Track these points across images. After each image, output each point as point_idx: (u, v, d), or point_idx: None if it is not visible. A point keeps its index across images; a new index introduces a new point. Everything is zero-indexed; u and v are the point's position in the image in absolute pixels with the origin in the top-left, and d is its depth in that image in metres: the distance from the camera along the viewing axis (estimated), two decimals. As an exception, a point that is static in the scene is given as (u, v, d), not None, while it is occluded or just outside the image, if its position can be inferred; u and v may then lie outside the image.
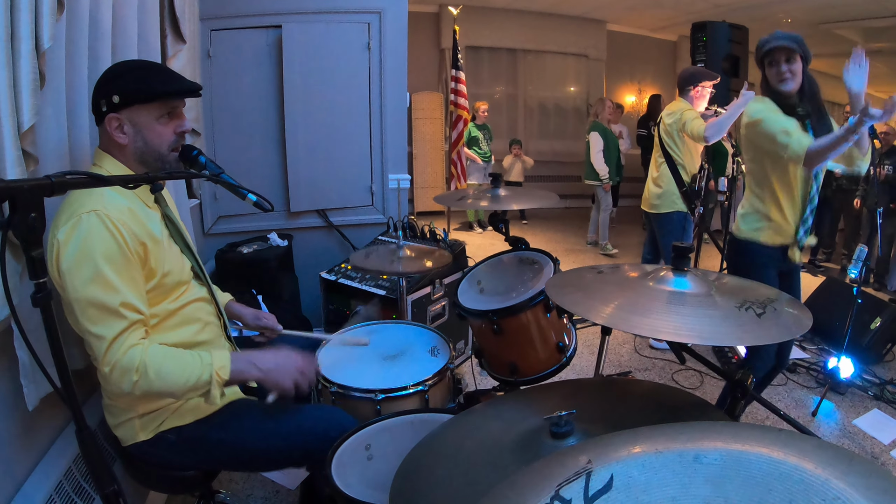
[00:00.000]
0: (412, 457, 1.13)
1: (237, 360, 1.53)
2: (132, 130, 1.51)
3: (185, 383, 1.44)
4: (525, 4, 9.22)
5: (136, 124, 1.51)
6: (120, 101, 1.47)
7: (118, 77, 1.52)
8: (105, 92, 1.48)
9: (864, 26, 8.20)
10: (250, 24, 3.50)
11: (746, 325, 1.04)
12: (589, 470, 0.66)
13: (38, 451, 1.63)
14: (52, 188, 0.98)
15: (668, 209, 3.93)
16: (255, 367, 1.56)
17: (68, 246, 1.35)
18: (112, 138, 1.51)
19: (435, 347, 2.05)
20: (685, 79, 3.84)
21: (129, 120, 1.50)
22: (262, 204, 1.58)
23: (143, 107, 1.51)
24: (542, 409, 1.11)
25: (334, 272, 3.34)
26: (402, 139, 3.97)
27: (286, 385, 1.58)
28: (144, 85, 1.52)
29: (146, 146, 1.54)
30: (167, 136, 1.56)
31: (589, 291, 1.21)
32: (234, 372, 1.51)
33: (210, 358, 1.48)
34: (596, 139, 6.89)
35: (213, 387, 1.47)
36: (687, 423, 0.73)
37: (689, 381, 3.67)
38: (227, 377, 1.49)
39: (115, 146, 1.53)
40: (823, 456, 0.62)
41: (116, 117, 1.49)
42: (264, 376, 1.57)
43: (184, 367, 1.44)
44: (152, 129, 1.53)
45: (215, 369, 1.47)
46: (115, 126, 1.49)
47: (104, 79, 1.53)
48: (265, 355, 1.60)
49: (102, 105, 1.48)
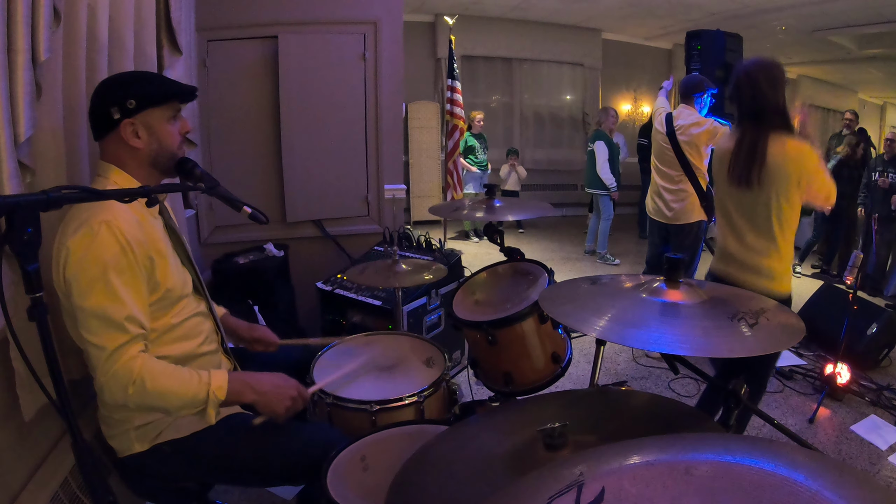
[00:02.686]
0: (406, 469, 1.13)
1: (235, 380, 1.53)
2: (146, 134, 1.54)
3: (181, 400, 1.44)
4: (520, 14, 9.27)
5: (150, 127, 1.55)
6: (136, 104, 1.50)
7: (126, 84, 1.55)
8: (117, 99, 1.50)
9: (858, 33, 8.26)
10: (247, 34, 3.52)
11: (739, 335, 1.05)
12: (580, 482, 0.66)
13: (34, 462, 1.63)
14: (49, 203, 0.98)
15: (690, 219, 3.94)
16: (252, 390, 1.55)
17: (77, 254, 1.36)
18: (126, 145, 1.53)
19: (430, 358, 2.05)
20: (693, 86, 3.87)
21: (142, 123, 1.53)
22: (256, 216, 1.59)
23: (155, 109, 1.55)
24: (537, 421, 1.11)
25: (330, 283, 3.34)
26: (398, 149, 3.98)
27: (279, 411, 1.58)
28: (156, 88, 1.57)
29: (161, 147, 1.58)
30: (176, 136, 1.61)
31: (582, 303, 1.21)
32: (230, 392, 1.50)
33: (208, 376, 1.48)
34: (602, 149, 6.86)
35: (208, 405, 1.47)
36: (678, 435, 0.73)
37: (686, 389, 3.68)
38: (223, 397, 1.49)
39: (125, 154, 1.54)
40: (815, 467, 0.63)
41: (131, 122, 1.51)
42: (259, 399, 1.56)
43: (181, 384, 1.44)
44: (165, 130, 1.58)
45: (212, 388, 1.47)
46: (130, 131, 1.52)
47: (109, 89, 1.55)
48: (263, 379, 1.59)
49: (115, 112, 1.49)
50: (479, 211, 2.27)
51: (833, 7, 7.21)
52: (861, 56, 9.10)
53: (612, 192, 6.91)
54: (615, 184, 6.89)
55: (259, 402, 1.56)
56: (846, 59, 9.39)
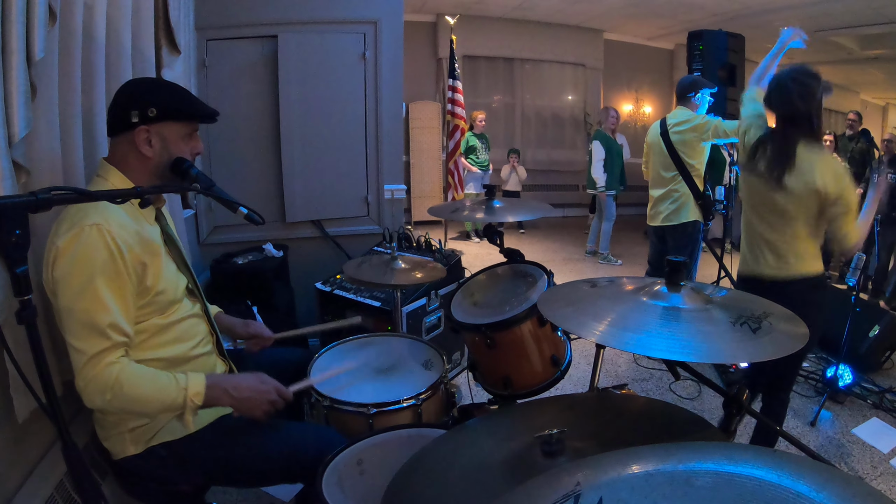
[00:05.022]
0: (402, 474, 1.11)
1: (213, 386, 1.52)
2: (160, 144, 1.54)
3: (159, 405, 1.44)
4: (522, 14, 9.25)
5: (165, 139, 1.54)
6: (157, 114, 1.50)
7: (153, 91, 1.56)
8: (140, 104, 1.49)
9: (860, 34, 8.24)
10: (246, 34, 3.50)
11: (741, 341, 1.03)
12: (577, 492, 0.65)
13: (28, 464, 1.61)
14: (38, 205, 0.97)
15: (685, 219, 3.91)
16: (229, 396, 1.54)
17: (66, 255, 1.35)
18: (136, 150, 1.52)
19: (429, 360, 2.04)
20: (687, 86, 3.86)
21: (158, 134, 1.53)
22: (253, 217, 1.57)
23: (174, 124, 1.55)
24: (535, 426, 1.10)
25: (329, 283, 3.32)
26: (398, 149, 3.97)
27: (257, 415, 1.58)
28: (181, 103, 1.58)
29: (169, 161, 1.57)
30: (186, 154, 1.60)
31: (582, 306, 1.19)
32: (207, 398, 1.50)
33: (186, 381, 1.47)
34: (598, 148, 6.89)
35: (186, 411, 1.47)
36: (679, 444, 0.72)
37: (687, 392, 3.66)
38: (200, 403, 1.48)
39: (132, 158, 1.54)
40: (819, 479, 0.61)
41: (147, 129, 1.51)
42: (237, 404, 1.56)
43: (159, 389, 1.43)
44: (177, 146, 1.57)
45: (189, 395, 1.46)
46: (143, 138, 1.51)
47: (135, 91, 1.55)
48: (241, 383, 1.58)
49: (134, 116, 1.49)
50: (479, 211, 2.25)
51: (835, 8, 7.19)
52: (863, 57, 9.08)
53: (599, 191, 6.93)
54: (604, 184, 6.89)
55: (237, 406, 1.56)
56: (848, 60, 9.37)
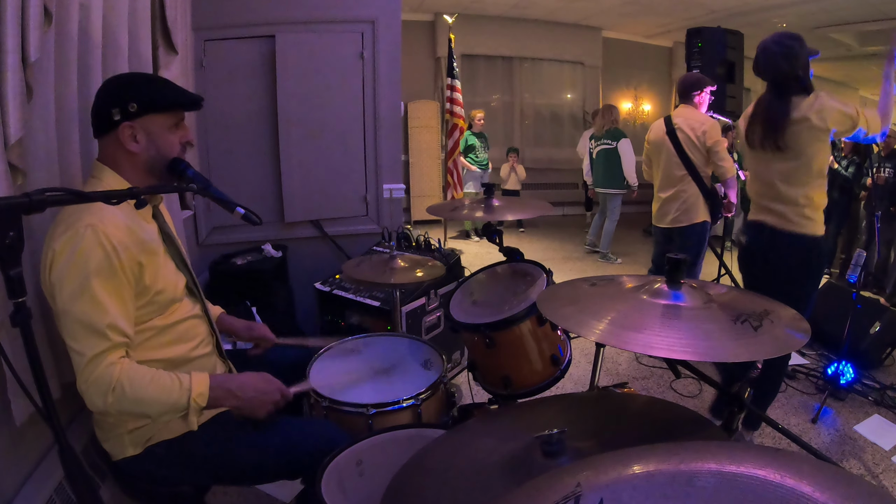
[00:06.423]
0: (401, 475, 1.10)
1: (216, 387, 1.51)
2: (145, 139, 1.52)
3: (163, 406, 1.43)
4: (520, 12, 9.25)
5: (150, 133, 1.52)
6: (137, 108, 1.48)
7: (131, 86, 1.54)
8: (119, 101, 1.48)
9: (859, 30, 8.25)
10: (243, 34, 3.49)
11: (742, 339, 1.02)
12: (577, 494, 0.64)
13: (27, 467, 1.62)
14: (31, 206, 0.96)
15: (695, 220, 3.89)
16: (234, 396, 1.54)
17: (62, 257, 1.34)
18: (123, 148, 1.51)
19: (428, 360, 2.03)
20: (691, 84, 3.83)
21: (142, 128, 1.51)
22: (250, 217, 1.56)
23: (157, 116, 1.53)
24: (535, 426, 1.09)
25: (329, 283, 3.32)
26: (396, 148, 3.96)
27: (260, 415, 1.58)
28: (160, 94, 1.55)
29: (158, 154, 1.55)
30: (176, 145, 1.59)
31: (581, 305, 1.18)
32: (211, 399, 1.49)
33: (189, 382, 1.46)
34: (628, 147, 6.69)
35: (189, 412, 1.46)
36: (680, 444, 0.71)
37: (688, 390, 3.65)
38: (204, 404, 1.48)
39: (121, 157, 1.52)
40: (822, 478, 0.60)
41: (130, 126, 1.49)
42: (241, 405, 1.56)
43: (161, 390, 1.42)
44: (164, 138, 1.55)
45: (193, 396, 1.45)
46: (128, 135, 1.50)
47: (113, 89, 1.53)
48: (245, 384, 1.58)
49: (115, 114, 1.47)
50: (479, 210, 2.24)
51: (833, 4, 7.20)
52: (862, 53, 9.08)
53: (634, 189, 6.83)
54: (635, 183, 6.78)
55: (241, 407, 1.56)
56: (847, 57, 9.37)
